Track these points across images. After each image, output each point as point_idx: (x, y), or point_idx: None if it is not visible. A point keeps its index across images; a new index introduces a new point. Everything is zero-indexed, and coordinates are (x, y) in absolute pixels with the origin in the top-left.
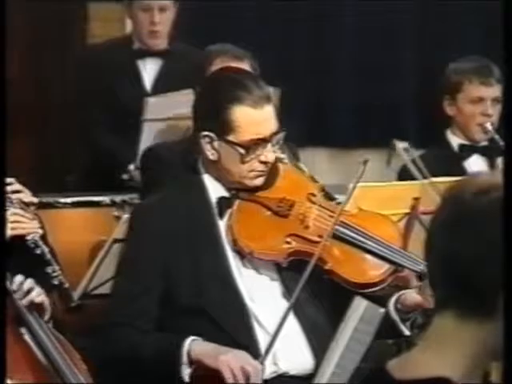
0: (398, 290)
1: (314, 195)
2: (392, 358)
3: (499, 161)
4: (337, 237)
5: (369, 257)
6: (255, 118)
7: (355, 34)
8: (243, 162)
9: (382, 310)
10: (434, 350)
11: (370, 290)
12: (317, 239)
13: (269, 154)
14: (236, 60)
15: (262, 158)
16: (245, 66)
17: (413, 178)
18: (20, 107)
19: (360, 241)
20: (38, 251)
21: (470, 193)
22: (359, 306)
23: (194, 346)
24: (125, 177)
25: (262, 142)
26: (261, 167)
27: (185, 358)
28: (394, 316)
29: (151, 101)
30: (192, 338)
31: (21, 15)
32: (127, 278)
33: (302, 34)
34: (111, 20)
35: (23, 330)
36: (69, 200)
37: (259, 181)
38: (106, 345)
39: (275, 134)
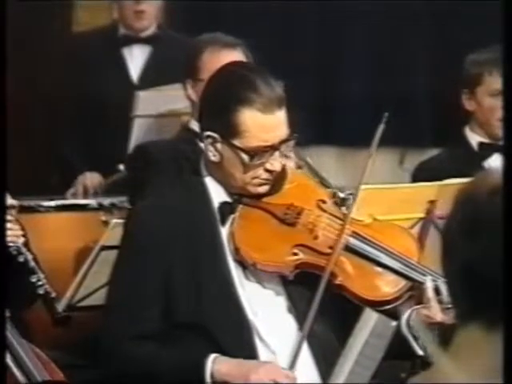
0: (411, 304)
1: (324, 202)
2: (405, 374)
3: None
4: (349, 249)
5: (383, 272)
6: (264, 123)
7: (365, 28)
8: (246, 169)
9: (395, 323)
10: (459, 363)
11: (383, 307)
12: (327, 251)
13: (275, 162)
14: (227, 48)
15: (268, 166)
16: (237, 54)
17: (428, 179)
18: None
19: (374, 254)
20: (21, 259)
21: (483, 193)
22: (370, 319)
23: (217, 365)
24: (121, 167)
25: (270, 149)
26: (265, 175)
27: (208, 380)
28: (407, 334)
29: (142, 95)
30: (213, 355)
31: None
32: (127, 289)
33: (310, 27)
34: (98, 9)
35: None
36: (52, 203)
37: (263, 189)
38: (117, 362)
39: (285, 141)
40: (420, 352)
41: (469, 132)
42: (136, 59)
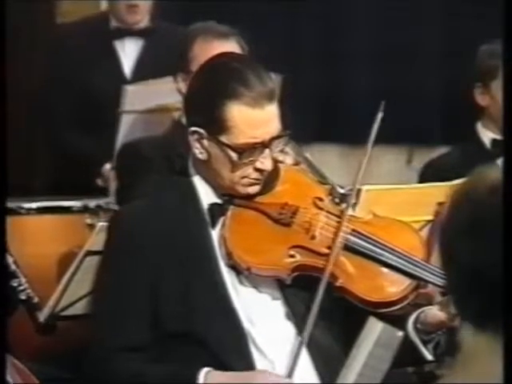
0: (418, 308)
1: (320, 200)
2: None
3: None
4: (349, 248)
5: (387, 271)
6: (253, 118)
7: (372, 19)
8: (234, 168)
9: (401, 333)
10: (465, 374)
11: (389, 309)
12: (325, 251)
13: (265, 160)
14: (220, 39)
15: (258, 165)
16: (231, 44)
17: (437, 179)
18: None
19: (376, 252)
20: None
21: (483, 191)
22: (374, 328)
23: (209, 379)
24: (99, 182)
25: (259, 146)
26: (255, 175)
27: None
28: (414, 338)
29: (130, 89)
30: (205, 370)
31: None
32: (112, 298)
33: (313, 17)
34: None
35: None
36: (34, 205)
37: (253, 189)
38: (103, 376)
39: (276, 138)
40: (430, 357)
41: (481, 128)
42: (129, 53)
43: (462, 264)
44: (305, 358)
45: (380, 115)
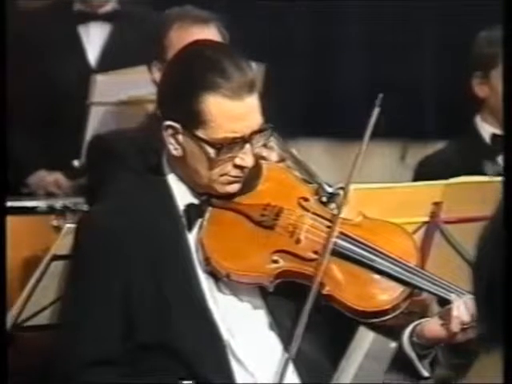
0: (412, 317)
1: (306, 200)
2: None
3: None
4: (337, 253)
5: (378, 278)
6: (232, 111)
7: (363, 8)
8: (212, 165)
9: (394, 345)
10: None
11: (380, 319)
12: (311, 256)
13: (246, 156)
14: (198, 24)
15: (237, 162)
16: (210, 31)
17: (433, 177)
18: None
19: (366, 257)
20: None
21: None
22: (365, 339)
23: None
24: (76, 163)
25: (239, 141)
26: (235, 172)
27: None
28: (409, 352)
29: (100, 79)
30: None
31: None
32: (81, 306)
33: (302, 4)
34: None
35: None
36: None
37: (232, 187)
38: None
39: (257, 132)
40: (425, 373)
41: (480, 122)
42: (94, 39)
43: (495, 276)
44: (290, 373)
45: (377, 110)
